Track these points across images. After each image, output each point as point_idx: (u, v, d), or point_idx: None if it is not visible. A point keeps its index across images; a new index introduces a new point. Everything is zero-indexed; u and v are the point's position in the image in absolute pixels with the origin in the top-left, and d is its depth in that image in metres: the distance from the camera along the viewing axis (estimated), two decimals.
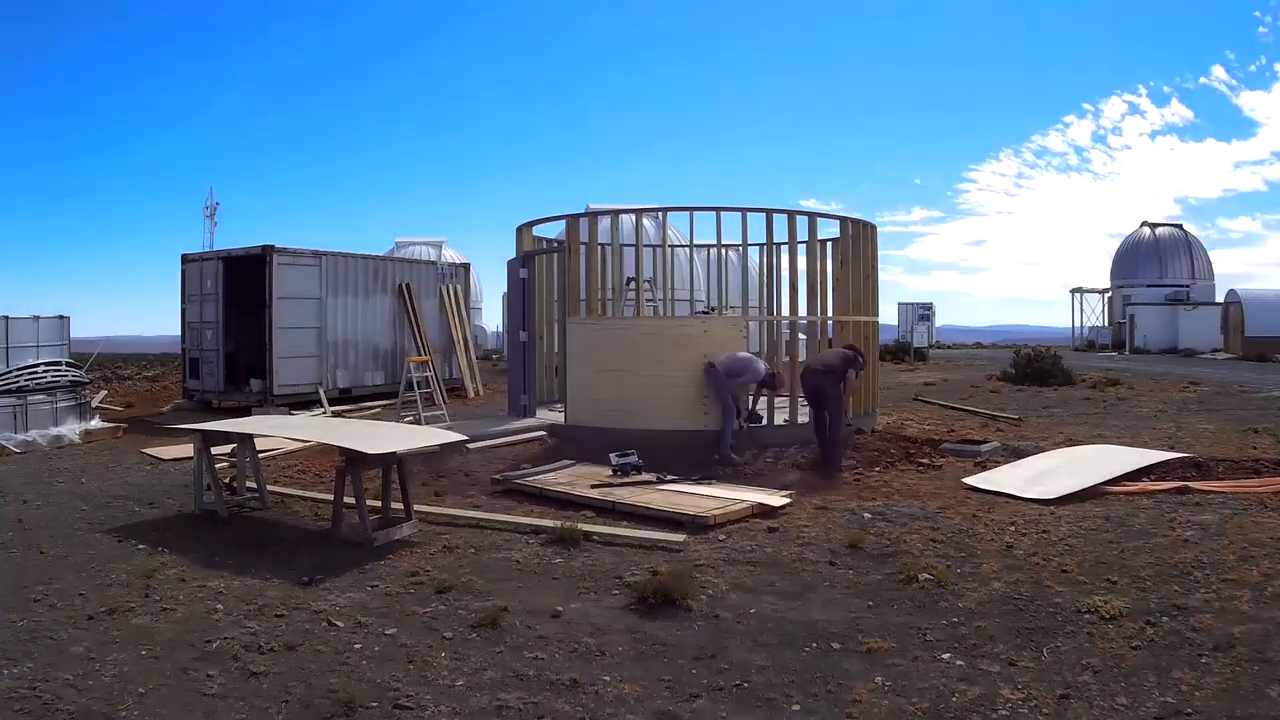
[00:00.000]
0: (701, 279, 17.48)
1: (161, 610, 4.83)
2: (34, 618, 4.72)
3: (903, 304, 39.48)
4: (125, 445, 11.42)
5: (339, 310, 15.54)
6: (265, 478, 7.80)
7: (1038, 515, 6.56)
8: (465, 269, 19.40)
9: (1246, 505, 6.58)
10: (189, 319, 15.72)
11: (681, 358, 9.50)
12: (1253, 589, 4.76)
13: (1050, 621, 4.45)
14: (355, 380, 15.88)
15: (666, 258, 12.41)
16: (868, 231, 11.47)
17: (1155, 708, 3.50)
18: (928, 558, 5.54)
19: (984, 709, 3.54)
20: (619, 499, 7.19)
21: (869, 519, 6.61)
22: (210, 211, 19.12)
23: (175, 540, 6.37)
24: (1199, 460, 8.34)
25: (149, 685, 3.85)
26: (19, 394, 11.35)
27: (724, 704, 3.67)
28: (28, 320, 12.41)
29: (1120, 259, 41.62)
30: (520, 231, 12.02)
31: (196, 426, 7.89)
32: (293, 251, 14.88)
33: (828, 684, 3.82)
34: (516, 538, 6.30)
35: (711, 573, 5.41)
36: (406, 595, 5.08)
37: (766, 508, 6.90)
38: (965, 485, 7.78)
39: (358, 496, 6.24)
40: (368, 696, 3.71)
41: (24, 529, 6.74)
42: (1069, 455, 8.80)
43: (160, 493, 8.16)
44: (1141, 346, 34.66)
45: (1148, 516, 6.37)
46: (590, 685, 3.83)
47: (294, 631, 4.49)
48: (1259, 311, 30.89)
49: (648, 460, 8.27)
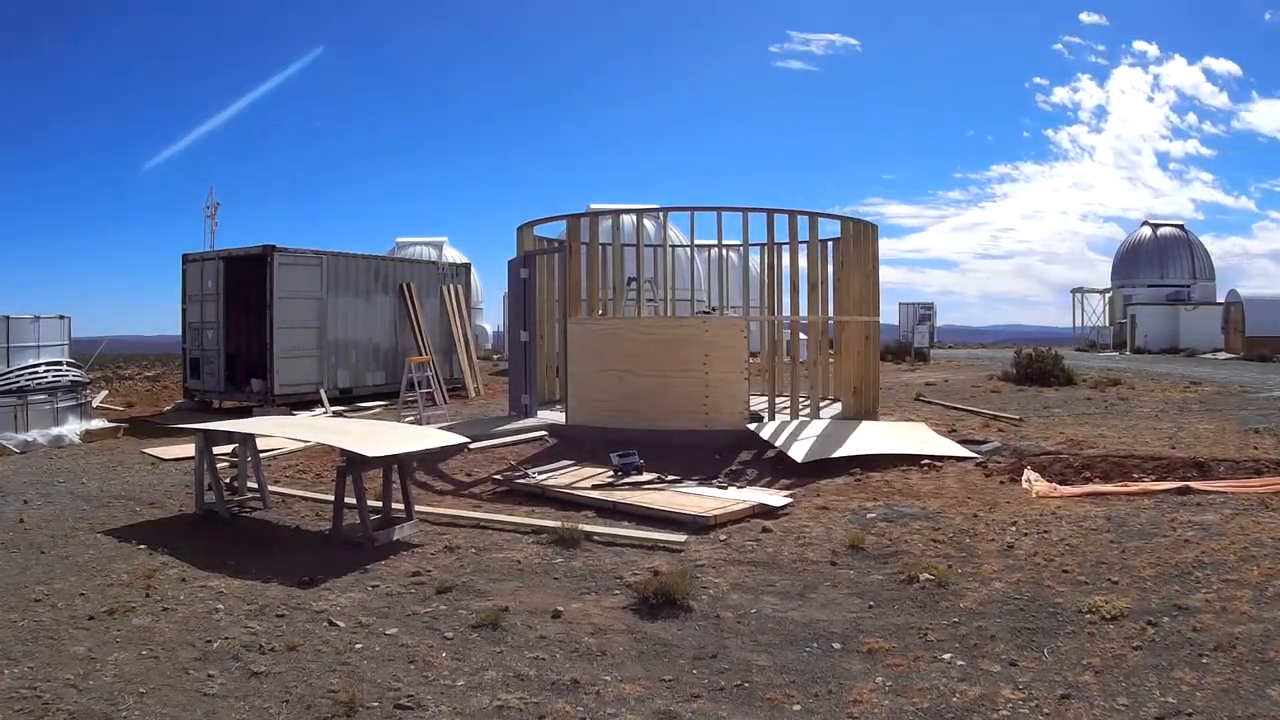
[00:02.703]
0: (703, 279, 17.49)
1: (162, 610, 4.83)
2: (34, 618, 4.72)
3: (903, 304, 39.49)
4: (126, 445, 11.44)
5: (340, 310, 15.55)
6: (266, 478, 7.80)
7: (1039, 515, 6.55)
8: (466, 269, 19.41)
9: (1247, 505, 6.56)
10: (189, 319, 15.73)
11: (682, 358, 9.51)
12: (1254, 589, 4.75)
13: (1051, 621, 4.44)
14: (356, 380, 15.89)
15: (667, 258, 12.41)
16: (868, 231, 11.47)
17: (1156, 708, 3.49)
18: (929, 558, 5.53)
19: (985, 709, 3.54)
20: (620, 499, 7.18)
21: (870, 519, 6.60)
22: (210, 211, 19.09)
23: (176, 540, 6.38)
24: (1201, 460, 8.34)
25: (149, 685, 3.85)
26: (19, 394, 11.36)
27: (725, 704, 3.66)
28: (28, 320, 12.42)
29: (1121, 259, 41.64)
30: (521, 231, 12.03)
31: (198, 426, 7.89)
32: (293, 251, 14.89)
33: (828, 684, 3.82)
34: (517, 538, 6.30)
35: (712, 573, 5.41)
36: (407, 595, 5.08)
37: (767, 508, 6.90)
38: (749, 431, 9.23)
39: (358, 497, 6.24)
40: (369, 696, 3.71)
41: (24, 529, 6.75)
42: (873, 428, 9.68)
43: (161, 493, 8.16)
44: (1142, 346, 34.66)
45: (1148, 516, 6.36)
46: (591, 685, 3.83)
47: (295, 631, 4.49)
48: (1259, 311, 30.87)
49: (649, 460, 8.27)
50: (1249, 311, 31.13)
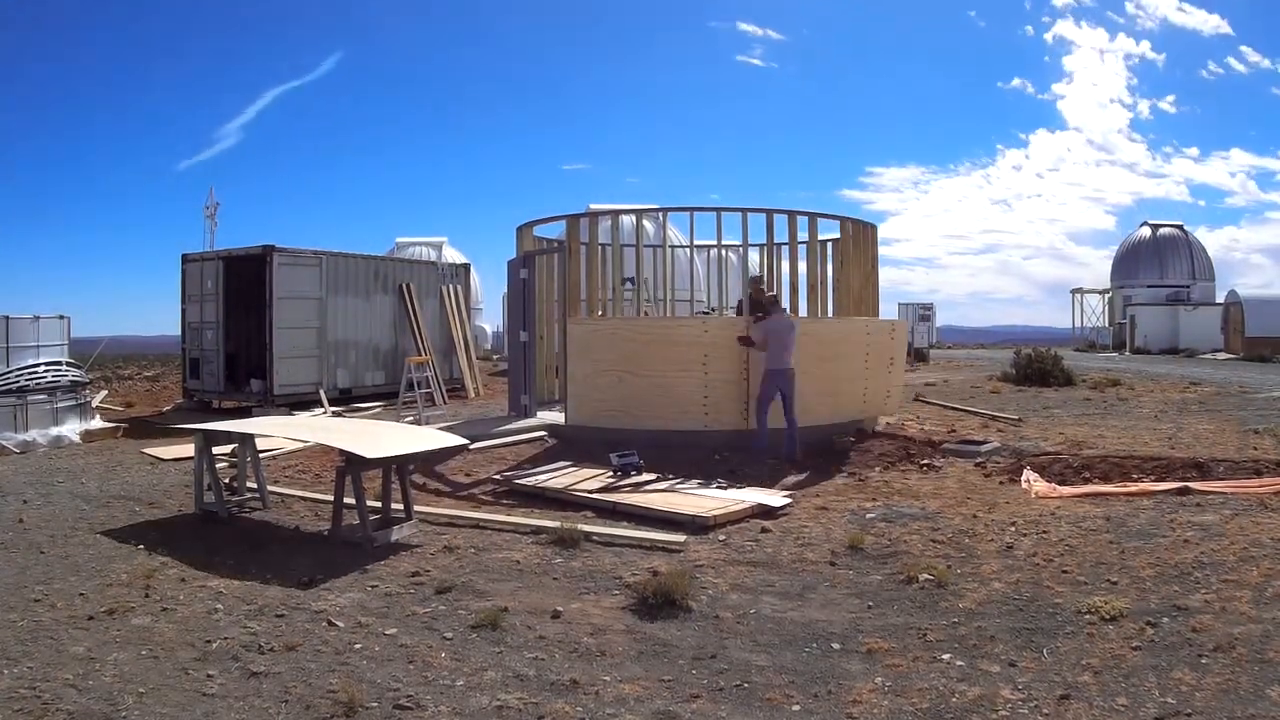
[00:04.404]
0: (702, 279, 17.49)
1: (162, 610, 4.83)
2: (34, 618, 4.72)
3: (903, 304, 39.54)
4: (125, 445, 11.43)
5: (339, 310, 15.55)
6: (266, 478, 7.80)
7: (1038, 516, 6.56)
8: (465, 269, 19.41)
9: (1247, 506, 6.57)
10: (189, 319, 15.73)
11: (682, 358, 9.51)
12: (1253, 589, 4.75)
13: (1050, 622, 4.44)
14: (355, 380, 15.89)
15: (667, 258, 12.41)
16: (867, 231, 11.48)
17: (1155, 708, 3.49)
18: (928, 558, 5.53)
19: (984, 709, 3.54)
20: (619, 499, 7.18)
21: (869, 519, 6.61)
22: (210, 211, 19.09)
23: (175, 540, 6.37)
24: (1200, 461, 8.34)
25: (149, 685, 3.85)
26: (19, 394, 11.35)
27: (724, 704, 3.66)
28: (28, 320, 12.42)
29: (1121, 259, 41.68)
30: (520, 232, 12.03)
31: (198, 426, 7.89)
32: (293, 251, 14.89)
33: (828, 684, 3.82)
34: (517, 538, 6.30)
35: (711, 573, 5.41)
36: (407, 595, 5.08)
37: (766, 508, 6.90)
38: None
39: (358, 497, 6.24)
40: (368, 696, 3.70)
41: (24, 529, 6.75)
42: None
43: (160, 493, 8.16)
44: (1142, 347, 34.70)
45: (1148, 517, 6.36)
46: (590, 685, 3.83)
47: (294, 631, 4.49)
48: (1259, 312, 30.90)
49: (648, 460, 8.28)
50: (1249, 312, 31.17)
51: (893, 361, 11.29)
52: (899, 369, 11.63)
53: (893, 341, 11.33)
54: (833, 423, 9.98)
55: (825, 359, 9.89)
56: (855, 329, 10.75)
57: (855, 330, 10.73)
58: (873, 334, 10.87)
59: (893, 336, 11.38)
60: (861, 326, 10.83)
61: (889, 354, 11.16)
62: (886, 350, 11.10)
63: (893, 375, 11.31)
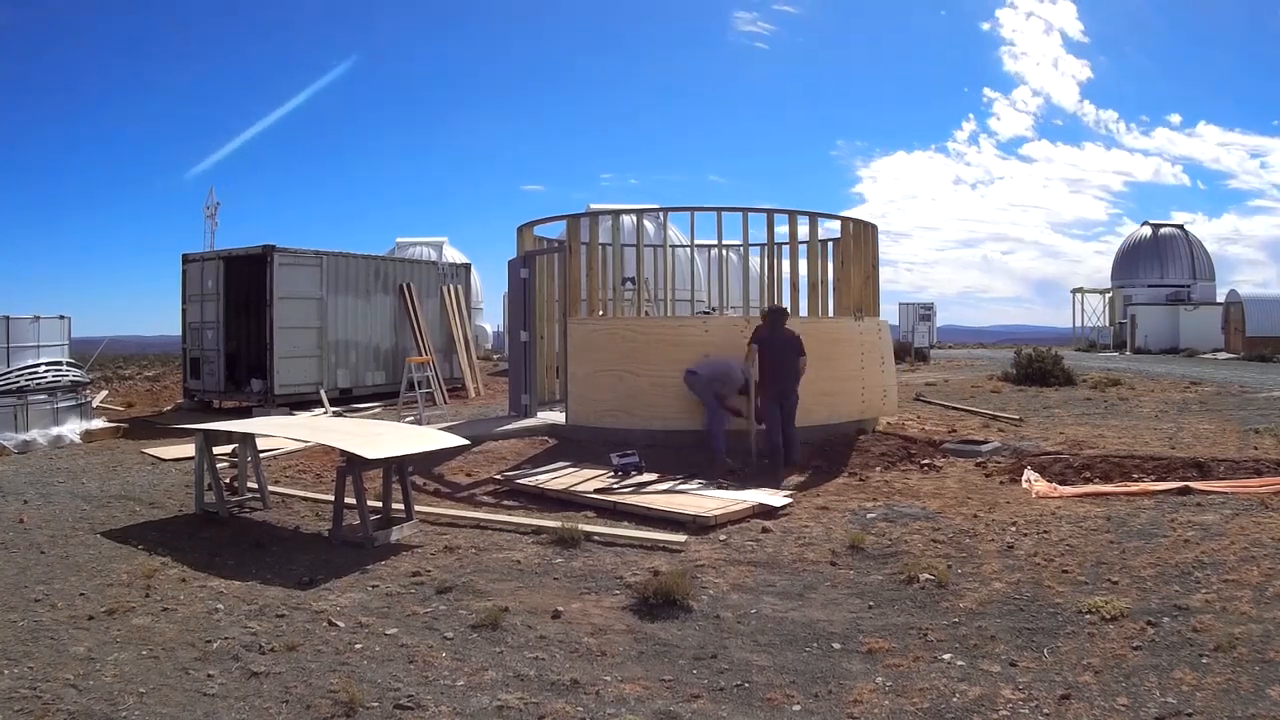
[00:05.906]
0: (703, 279, 17.49)
1: (162, 610, 4.83)
2: (34, 618, 4.72)
3: (903, 304, 39.51)
4: (126, 445, 11.43)
5: (340, 310, 15.55)
6: (266, 478, 7.80)
7: (1039, 515, 6.55)
8: (466, 269, 19.41)
9: (1247, 505, 6.57)
10: (189, 319, 15.73)
11: (682, 358, 9.51)
12: (1254, 589, 4.75)
13: (1051, 622, 4.44)
14: (356, 380, 15.89)
15: (667, 258, 12.40)
16: (868, 231, 11.47)
17: (1156, 708, 3.49)
18: (928, 558, 5.53)
19: (984, 709, 3.54)
20: (620, 499, 7.19)
21: (870, 519, 6.61)
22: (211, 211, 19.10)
23: (176, 540, 6.38)
24: (1201, 460, 8.34)
25: (149, 685, 3.85)
26: (19, 394, 11.36)
27: (724, 704, 3.66)
28: (28, 320, 12.42)
29: (1121, 259, 41.65)
30: (521, 231, 12.03)
31: (198, 426, 7.89)
32: (293, 251, 14.89)
33: (828, 684, 3.82)
34: (517, 538, 6.30)
35: (712, 573, 5.41)
36: (407, 595, 5.08)
37: (767, 508, 6.90)
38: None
39: (358, 497, 6.24)
40: (369, 696, 3.70)
41: (24, 529, 6.75)
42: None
43: (161, 493, 8.16)
44: (1142, 346, 34.68)
45: (1148, 517, 6.36)
46: (591, 685, 3.83)
47: (295, 631, 4.49)
48: (1259, 312, 30.90)
49: (648, 460, 8.28)
50: (1249, 311, 31.16)
51: (883, 361, 11.32)
52: (890, 368, 11.69)
53: (880, 341, 11.37)
54: (832, 423, 9.97)
55: (822, 358, 9.88)
56: (849, 328, 10.75)
57: (848, 329, 10.73)
58: (866, 333, 10.89)
59: (879, 336, 11.41)
60: (854, 325, 10.83)
61: (879, 353, 11.19)
62: (877, 350, 11.12)
63: (885, 374, 11.32)
